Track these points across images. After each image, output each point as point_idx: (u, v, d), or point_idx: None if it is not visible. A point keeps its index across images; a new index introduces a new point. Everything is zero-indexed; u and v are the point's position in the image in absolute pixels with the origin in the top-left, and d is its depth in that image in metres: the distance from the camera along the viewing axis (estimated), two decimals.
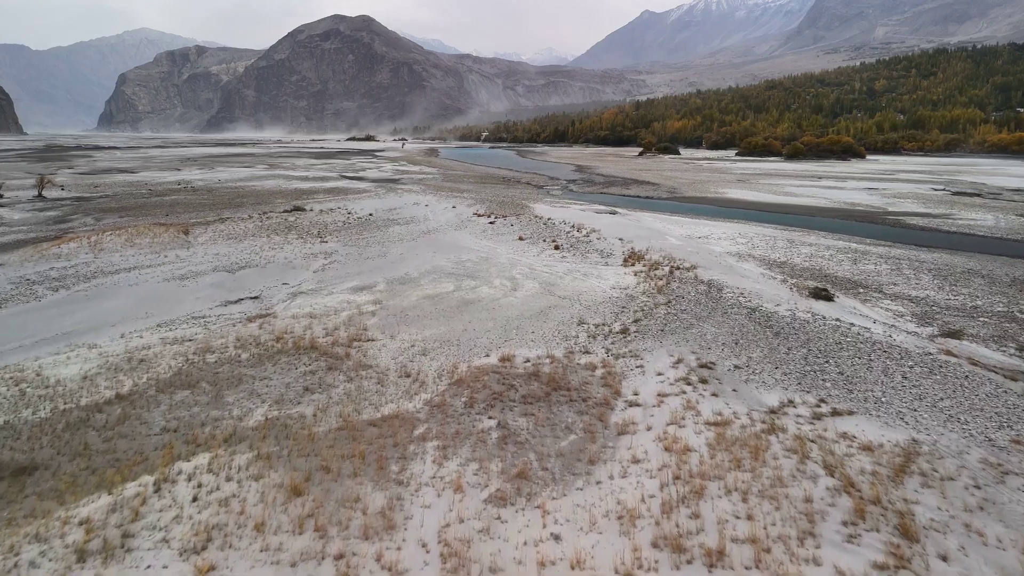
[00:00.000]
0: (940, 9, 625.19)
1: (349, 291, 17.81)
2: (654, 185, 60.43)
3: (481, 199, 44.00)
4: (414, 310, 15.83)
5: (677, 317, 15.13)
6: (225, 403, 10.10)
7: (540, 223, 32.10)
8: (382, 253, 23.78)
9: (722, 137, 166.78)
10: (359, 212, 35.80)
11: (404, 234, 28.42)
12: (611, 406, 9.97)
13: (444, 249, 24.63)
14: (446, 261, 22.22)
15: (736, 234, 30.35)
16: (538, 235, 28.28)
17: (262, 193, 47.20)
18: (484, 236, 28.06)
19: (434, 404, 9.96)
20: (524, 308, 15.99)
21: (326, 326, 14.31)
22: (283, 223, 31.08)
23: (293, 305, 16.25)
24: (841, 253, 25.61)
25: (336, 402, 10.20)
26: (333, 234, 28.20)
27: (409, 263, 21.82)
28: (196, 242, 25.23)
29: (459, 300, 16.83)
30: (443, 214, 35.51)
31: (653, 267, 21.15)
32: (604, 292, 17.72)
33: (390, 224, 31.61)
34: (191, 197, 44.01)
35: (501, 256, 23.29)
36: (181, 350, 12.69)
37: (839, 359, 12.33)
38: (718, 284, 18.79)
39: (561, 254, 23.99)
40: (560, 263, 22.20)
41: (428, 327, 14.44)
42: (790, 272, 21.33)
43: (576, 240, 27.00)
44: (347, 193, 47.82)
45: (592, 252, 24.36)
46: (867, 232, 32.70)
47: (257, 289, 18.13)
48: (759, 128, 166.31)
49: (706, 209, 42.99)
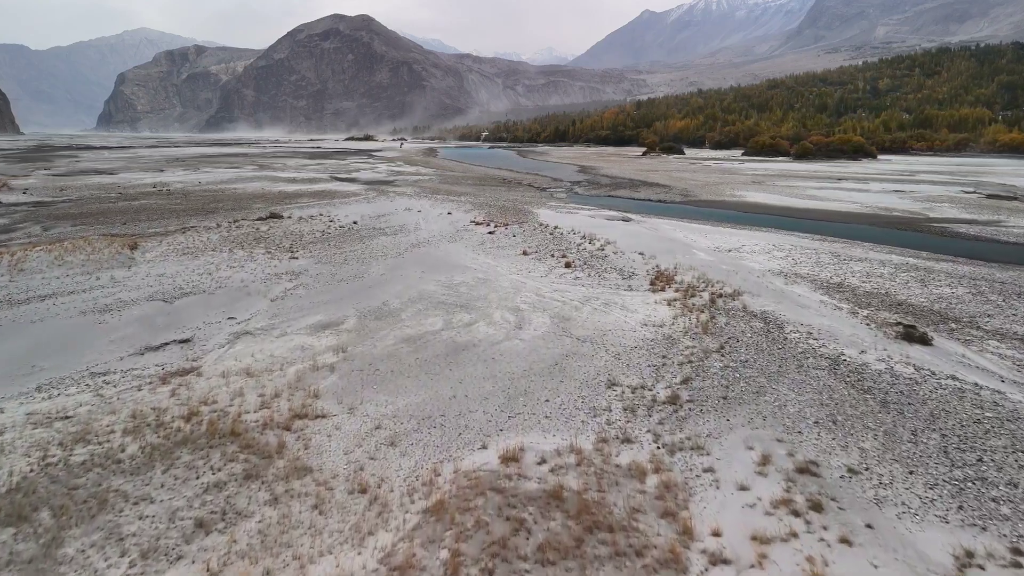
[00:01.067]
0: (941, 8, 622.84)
1: (308, 331, 13.93)
2: (664, 187, 56.55)
3: (479, 204, 40.14)
4: (388, 361, 11.96)
5: (739, 373, 11.29)
6: (59, 560, 6.23)
7: (546, 233, 28.22)
8: (360, 273, 19.88)
9: (725, 137, 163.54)
10: (343, 220, 31.90)
11: (390, 248, 24.54)
12: (683, 567, 6.11)
13: (434, 267, 20.75)
14: (435, 284, 18.34)
15: (770, 245, 26.49)
16: (545, 248, 24.40)
17: (241, 197, 43.32)
18: (482, 250, 24.19)
19: (395, 566, 6.09)
20: (533, 358, 12.13)
21: (264, 391, 10.44)
22: (253, 234, 27.20)
23: (230, 354, 12.37)
24: (902, 271, 21.74)
25: (241, 554, 6.35)
26: (307, 248, 24.31)
27: (390, 287, 17.93)
28: (142, 259, 21.35)
29: (448, 344, 12.97)
30: (437, 222, 31.63)
31: (688, 293, 17.27)
32: (634, 331, 13.86)
33: (375, 234, 27.70)
34: (162, 202, 40.13)
35: (502, 277, 19.42)
36: (45, 438, 8.83)
37: (995, 455, 8.48)
38: (775, 318, 14.93)
39: (574, 274, 20.10)
40: (574, 287, 18.32)
41: (404, 391, 10.58)
42: (854, 298, 17.47)
43: (590, 255, 23.12)
44: (334, 197, 43.94)
45: (610, 271, 20.47)
46: (916, 243, 28.82)
47: (193, 327, 14.27)
48: (763, 128, 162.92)
49: (726, 215, 39.12)
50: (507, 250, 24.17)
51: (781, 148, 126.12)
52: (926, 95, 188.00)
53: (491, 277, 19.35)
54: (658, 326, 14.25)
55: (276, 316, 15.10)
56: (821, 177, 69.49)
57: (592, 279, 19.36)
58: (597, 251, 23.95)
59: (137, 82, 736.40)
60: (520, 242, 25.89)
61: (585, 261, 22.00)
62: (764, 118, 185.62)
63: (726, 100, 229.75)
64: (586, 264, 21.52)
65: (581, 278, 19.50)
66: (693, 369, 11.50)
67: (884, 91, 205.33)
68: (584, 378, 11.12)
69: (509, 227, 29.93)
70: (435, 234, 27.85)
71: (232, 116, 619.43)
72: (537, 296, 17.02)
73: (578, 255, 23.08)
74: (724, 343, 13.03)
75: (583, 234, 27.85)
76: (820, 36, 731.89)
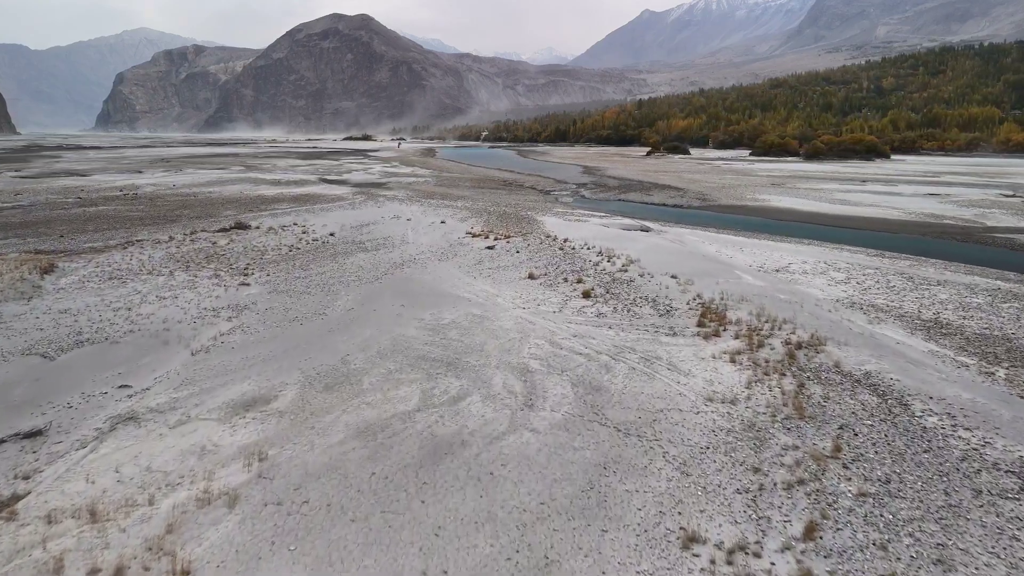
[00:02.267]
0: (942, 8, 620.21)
1: (222, 413, 9.58)
2: (678, 190, 52.23)
3: (477, 210, 35.82)
4: (325, 482, 7.62)
5: (891, 513, 6.96)
6: None
7: (555, 247, 23.90)
8: (321, 308, 15.52)
9: (729, 136, 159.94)
10: (319, 230, 27.56)
11: (367, 269, 20.18)
12: None
13: (418, 299, 16.40)
14: (417, 326, 13.98)
15: (822, 264, 22.15)
16: (555, 269, 20.04)
17: (213, 202, 38.98)
18: (479, 271, 19.82)
19: None
20: (555, 472, 7.82)
21: (97, 562, 6.12)
22: (207, 249, 22.84)
23: (84, 466, 8.01)
24: (1002, 300, 17.39)
25: None
26: (267, 269, 19.95)
27: (357, 332, 13.57)
28: (52, 287, 17.00)
29: (424, 442, 8.63)
30: (427, 233, 27.28)
31: (753, 339, 12.91)
32: (697, 412, 9.54)
33: (353, 250, 23.34)
34: (122, 208, 35.79)
35: (504, 313, 15.06)
36: None
37: None
38: (889, 387, 10.60)
39: (595, 307, 15.75)
40: (598, 328, 13.97)
41: (340, 561, 6.27)
42: (969, 346, 13.11)
43: (611, 279, 18.76)
44: (316, 202, 39.60)
45: (641, 303, 16.12)
46: (991, 259, 24.45)
47: (61, 403, 9.94)
48: (768, 127, 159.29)
49: (754, 222, 34.80)
50: (509, 271, 19.82)
51: (790, 148, 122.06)
52: (932, 94, 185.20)
53: (490, 314, 14.99)
54: (729, 402, 9.91)
55: (188, 384, 10.74)
56: (842, 179, 65.22)
57: (620, 316, 15.01)
58: (619, 273, 19.60)
59: (136, 82, 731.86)
60: (525, 259, 21.54)
61: (607, 288, 17.66)
62: (768, 117, 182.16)
63: (728, 99, 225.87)
64: (609, 292, 17.17)
65: (606, 314, 15.14)
66: (812, 502, 7.16)
67: (889, 90, 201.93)
68: (640, 523, 6.79)
69: (511, 239, 25.62)
70: (424, 249, 23.50)
71: (231, 116, 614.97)
72: (552, 345, 12.67)
73: (597, 279, 18.73)
74: (837, 438, 8.70)
75: (599, 249, 23.53)
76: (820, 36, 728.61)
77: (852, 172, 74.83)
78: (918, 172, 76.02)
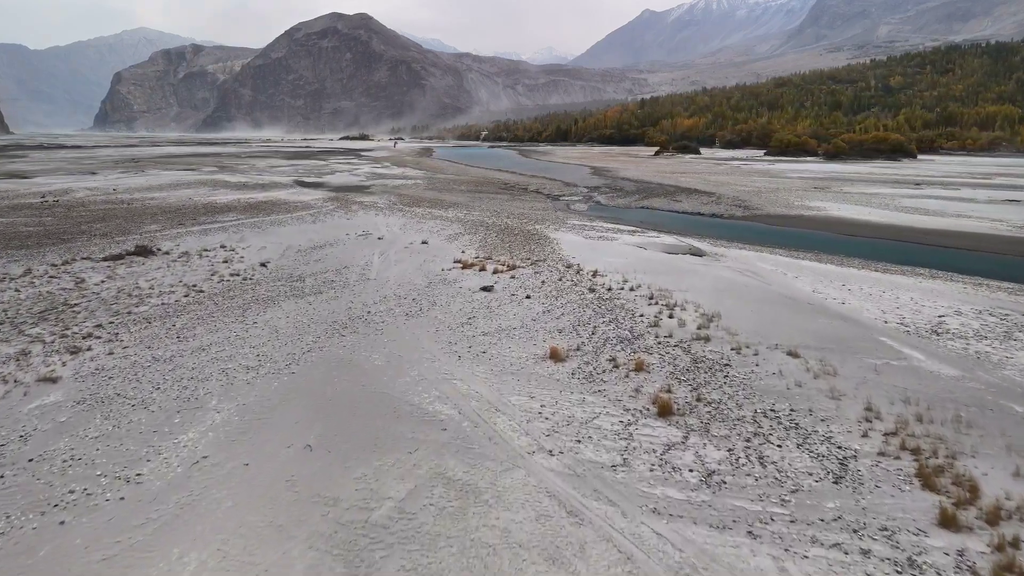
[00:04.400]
0: (944, 7, 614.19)
1: None
2: (709, 195, 44.59)
3: (472, 223, 28.16)
4: None
5: None
6: None
7: (582, 287, 16.20)
8: (141, 458, 7.78)
9: (737, 135, 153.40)
10: (248, 257, 19.83)
11: (284, 335, 12.48)
12: None
13: (346, 426, 8.69)
14: (319, 539, 6.33)
15: (980, 312, 14.40)
16: (591, 333, 12.35)
17: (143, 212, 31.29)
18: (467, 344, 12.06)
19: None
20: None
21: None
22: (58, 295, 15.11)
23: None
24: None
25: None
26: (122, 335, 12.25)
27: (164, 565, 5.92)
28: None
29: None
30: (400, 261, 19.57)
31: None
32: None
33: (280, 295, 15.59)
34: (19, 220, 28.11)
35: (512, 477, 7.30)
36: None
37: None
38: None
39: (690, 448, 8.01)
40: (723, 533, 6.36)
41: None
42: None
43: (691, 359, 10.99)
44: (273, 211, 31.94)
45: (773, 432, 8.45)
46: None
47: None
48: (776, 126, 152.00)
49: (827, 240, 27.14)
50: (518, 341, 12.12)
51: (809, 147, 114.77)
52: (942, 92, 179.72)
53: (485, 478, 7.30)
54: None
55: None
56: (887, 181, 57.68)
57: (746, 477, 7.32)
58: (697, 344, 11.90)
59: (134, 81, 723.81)
60: (540, 312, 13.84)
61: (693, 386, 9.94)
62: (775, 116, 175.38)
63: (733, 98, 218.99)
64: (700, 399, 9.44)
65: (718, 471, 7.43)
66: None
67: (897, 89, 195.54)
68: None
69: (517, 271, 17.95)
70: (389, 293, 15.77)
71: (230, 115, 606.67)
72: None
73: (666, 360, 11.03)
74: None
75: (646, 289, 15.85)
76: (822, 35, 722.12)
77: (892, 173, 67.31)
78: (962, 173, 68.66)
